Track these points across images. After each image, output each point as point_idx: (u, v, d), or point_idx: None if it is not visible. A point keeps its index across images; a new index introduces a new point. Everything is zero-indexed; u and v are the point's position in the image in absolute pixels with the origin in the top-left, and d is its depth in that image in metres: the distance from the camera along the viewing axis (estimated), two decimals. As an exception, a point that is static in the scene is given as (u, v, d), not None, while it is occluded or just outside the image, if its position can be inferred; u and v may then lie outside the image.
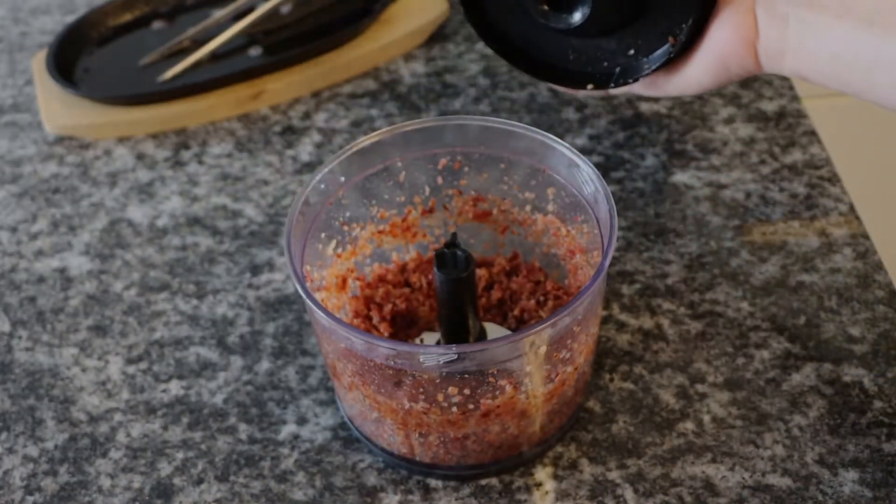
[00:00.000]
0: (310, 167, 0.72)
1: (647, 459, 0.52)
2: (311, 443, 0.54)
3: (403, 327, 0.57)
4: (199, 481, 0.53)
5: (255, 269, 0.64)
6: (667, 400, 0.55)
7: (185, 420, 0.56)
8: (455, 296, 0.50)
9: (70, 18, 0.88)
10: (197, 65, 0.79)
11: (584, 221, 0.53)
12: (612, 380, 0.56)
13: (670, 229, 0.64)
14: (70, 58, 0.80)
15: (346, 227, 0.56)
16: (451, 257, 0.50)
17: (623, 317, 0.59)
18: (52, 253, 0.67)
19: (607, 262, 0.47)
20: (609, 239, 0.48)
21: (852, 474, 0.51)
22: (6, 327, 0.62)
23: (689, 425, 0.54)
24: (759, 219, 0.65)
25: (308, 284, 0.50)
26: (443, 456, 0.51)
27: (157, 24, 0.84)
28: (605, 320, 0.59)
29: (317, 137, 0.75)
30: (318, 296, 0.53)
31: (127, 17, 0.85)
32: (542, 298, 0.57)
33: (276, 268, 0.64)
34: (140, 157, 0.74)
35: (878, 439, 0.52)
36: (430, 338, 0.56)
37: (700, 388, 0.55)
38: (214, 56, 0.80)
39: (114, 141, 0.76)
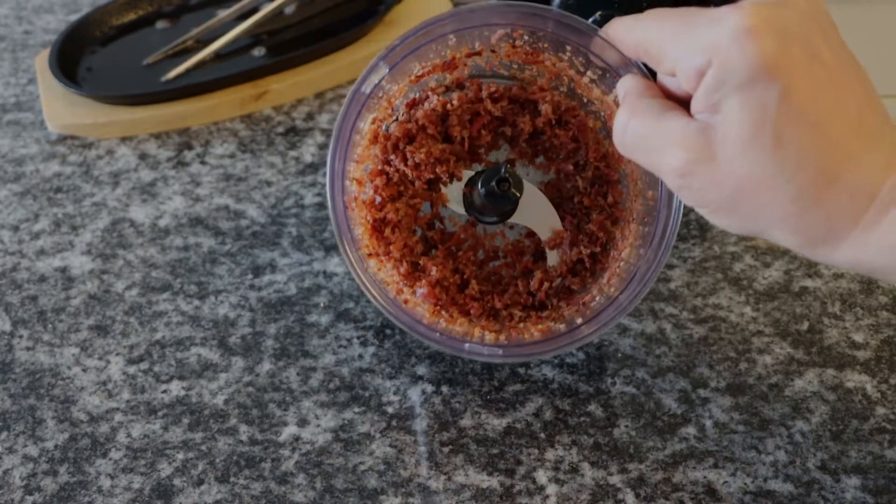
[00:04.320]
0: (313, 168, 0.72)
1: (648, 464, 0.52)
2: (311, 444, 0.54)
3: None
4: (200, 482, 0.52)
5: (257, 270, 0.64)
6: (669, 404, 0.55)
7: (185, 421, 0.56)
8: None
9: (74, 17, 0.88)
10: (200, 65, 0.79)
11: None
12: (614, 383, 0.56)
13: (673, 233, 0.64)
14: (73, 57, 0.80)
15: (382, 95, 0.53)
16: (502, 197, 0.52)
17: (626, 321, 0.59)
18: (53, 252, 0.66)
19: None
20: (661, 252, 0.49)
21: (854, 481, 0.51)
22: (7, 326, 0.62)
23: (690, 430, 0.54)
24: (762, 223, 0.65)
25: (349, 212, 0.52)
26: None
27: (161, 24, 0.84)
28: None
29: (320, 138, 0.74)
30: (350, 186, 0.53)
31: (131, 16, 0.85)
32: (581, 162, 0.55)
33: (278, 269, 0.64)
34: (142, 156, 0.74)
35: (880, 446, 0.52)
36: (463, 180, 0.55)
37: (702, 392, 0.55)
38: (218, 56, 0.80)
39: (116, 140, 0.76)
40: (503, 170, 0.51)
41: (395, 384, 0.57)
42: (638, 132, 0.44)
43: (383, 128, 0.54)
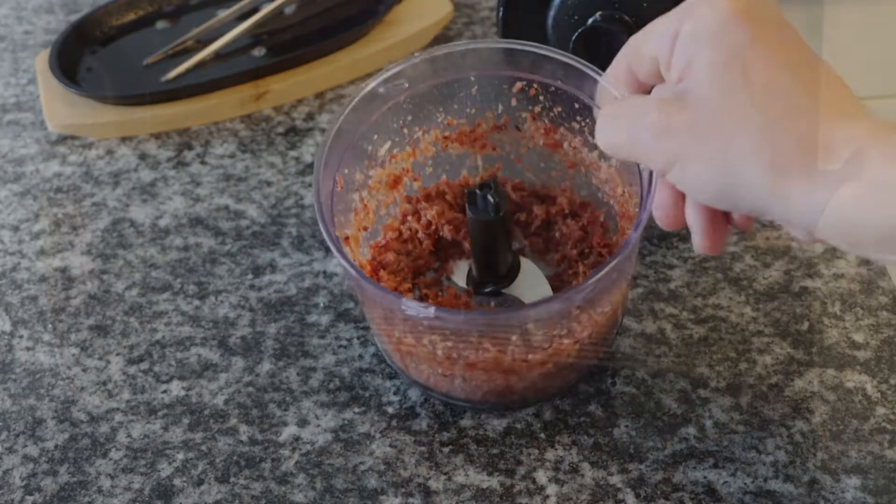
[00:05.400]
0: (312, 168, 0.72)
1: (648, 464, 0.52)
2: (311, 444, 0.54)
3: (446, 247, 0.58)
4: (200, 482, 0.52)
5: (257, 271, 0.64)
6: (669, 404, 0.55)
7: (185, 421, 0.56)
8: (483, 237, 0.52)
9: (74, 17, 0.88)
10: (200, 65, 0.79)
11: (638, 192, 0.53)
12: (614, 384, 0.56)
13: (674, 233, 0.64)
14: (73, 57, 0.80)
15: (405, 130, 0.56)
16: (481, 199, 0.51)
17: (626, 321, 0.59)
18: (53, 252, 0.66)
19: (629, 245, 0.47)
20: (641, 213, 0.48)
21: (854, 481, 0.51)
22: (7, 326, 0.62)
23: (691, 430, 0.54)
24: (763, 224, 0.65)
25: (338, 189, 0.53)
26: (434, 383, 0.53)
27: (161, 24, 0.84)
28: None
29: (320, 139, 0.74)
30: (355, 196, 0.55)
31: (131, 16, 0.85)
32: (586, 251, 0.57)
33: (278, 269, 0.64)
34: (143, 156, 0.74)
35: (880, 446, 0.52)
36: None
37: (702, 392, 0.55)
38: (218, 56, 0.80)
39: (116, 141, 0.76)
40: (493, 183, 0.53)
41: (395, 384, 0.57)
42: (615, 115, 0.45)
43: (405, 185, 0.57)
